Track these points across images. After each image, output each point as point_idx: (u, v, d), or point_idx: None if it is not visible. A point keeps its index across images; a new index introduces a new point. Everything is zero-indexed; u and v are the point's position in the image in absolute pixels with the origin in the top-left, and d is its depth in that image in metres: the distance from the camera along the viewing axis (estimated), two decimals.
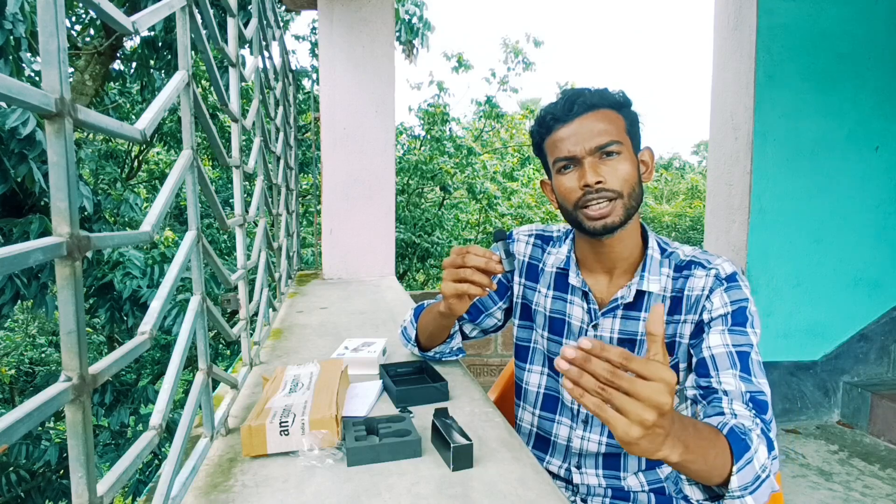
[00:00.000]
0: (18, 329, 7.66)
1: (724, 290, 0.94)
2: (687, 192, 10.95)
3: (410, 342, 1.27)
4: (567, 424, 1.08)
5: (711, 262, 0.97)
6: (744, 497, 0.76)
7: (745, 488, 0.76)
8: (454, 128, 7.00)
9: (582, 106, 0.94)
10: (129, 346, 0.60)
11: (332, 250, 2.77)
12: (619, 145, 0.93)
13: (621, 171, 0.93)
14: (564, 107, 0.94)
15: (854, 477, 2.35)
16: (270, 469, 0.84)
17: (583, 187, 0.93)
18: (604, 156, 0.93)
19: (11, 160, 2.60)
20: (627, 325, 1.00)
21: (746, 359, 0.89)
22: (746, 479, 0.76)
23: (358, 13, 2.68)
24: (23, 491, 3.36)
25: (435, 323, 1.15)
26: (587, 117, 0.94)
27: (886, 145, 2.85)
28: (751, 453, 0.76)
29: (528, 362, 1.14)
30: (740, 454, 0.76)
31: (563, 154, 0.94)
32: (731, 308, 0.92)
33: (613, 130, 0.94)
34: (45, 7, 0.44)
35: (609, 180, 0.93)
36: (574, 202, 0.95)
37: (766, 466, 0.77)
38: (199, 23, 0.89)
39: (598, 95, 0.95)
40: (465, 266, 0.95)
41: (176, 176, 0.76)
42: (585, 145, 0.93)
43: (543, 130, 0.98)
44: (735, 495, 0.76)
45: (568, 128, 0.94)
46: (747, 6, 2.76)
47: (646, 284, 0.98)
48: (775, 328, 2.85)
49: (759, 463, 0.77)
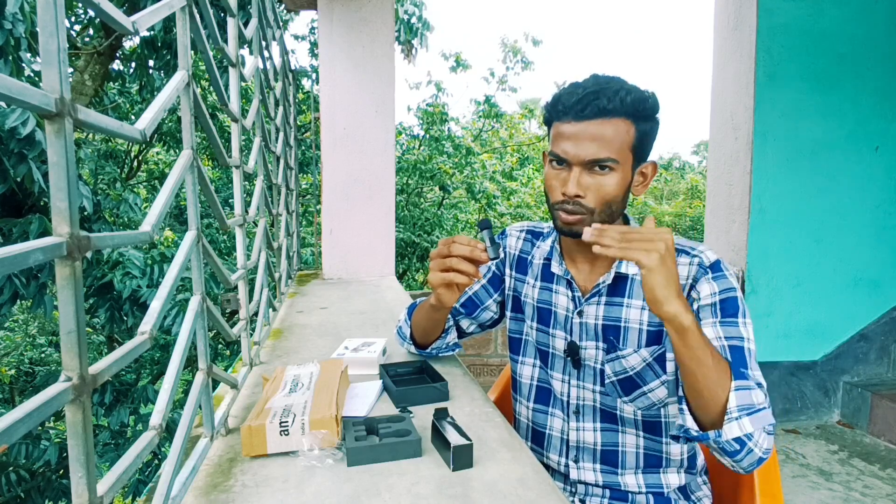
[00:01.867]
0: (18, 329, 7.66)
1: (710, 278, 0.93)
2: (687, 192, 10.94)
3: (406, 340, 1.28)
4: (560, 417, 1.08)
5: (694, 249, 0.97)
6: (741, 419, 0.80)
7: (743, 409, 0.80)
8: (453, 127, 7.00)
9: (594, 109, 0.90)
10: (129, 346, 0.60)
11: (332, 250, 2.77)
12: (614, 162, 0.91)
13: (605, 188, 0.92)
14: (577, 104, 0.90)
15: (854, 477, 2.35)
16: (270, 469, 0.84)
17: (562, 193, 0.94)
18: (595, 167, 0.92)
19: (11, 160, 2.60)
20: (611, 311, 1.01)
21: (740, 353, 0.88)
22: (744, 401, 0.81)
23: (358, 13, 2.68)
24: (23, 491, 3.36)
25: (428, 317, 1.16)
26: (595, 123, 0.90)
27: (886, 145, 2.85)
28: (749, 383, 0.83)
29: (521, 354, 1.15)
30: (739, 376, 0.82)
31: (558, 152, 0.94)
32: (719, 297, 0.91)
33: (615, 145, 0.91)
34: (45, 7, 0.44)
35: (588, 196, 0.93)
36: (552, 202, 0.97)
37: (763, 405, 0.82)
38: (199, 23, 0.88)
39: (617, 101, 0.90)
40: (450, 255, 0.97)
41: (176, 176, 0.76)
42: (580, 154, 0.91)
43: (555, 114, 0.95)
44: (733, 416, 0.80)
45: (573, 126, 0.92)
46: (747, 6, 2.76)
47: (624, 267, 1.00)
48: (775, 328, 2.85)
49: (756, 398, 0.82)
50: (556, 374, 1.08)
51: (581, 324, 1.04)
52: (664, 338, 0.98)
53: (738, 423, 0.80)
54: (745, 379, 0.83)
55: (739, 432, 0.80)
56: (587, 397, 1.05)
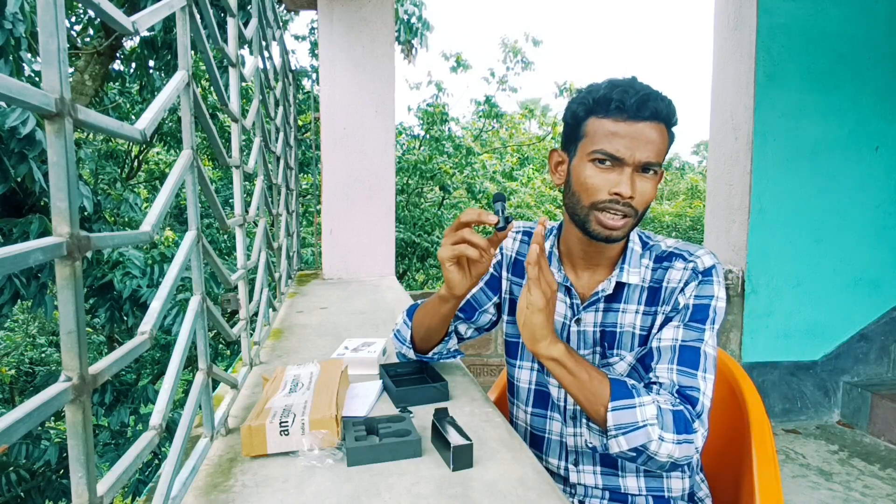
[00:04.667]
0: (18, 329, 7.66)
1: (697, 283, 0.95)
2: (687, 192, 10.95)
3: (405, 344, 1.19)
4: (559, 420, 1.08)
5: (692, 253, 0.97)
6: (617, 437, 0.85)
7: (619, 428, 0.85)
8: (453, 128, 7.00)
9: (650, 111, 0.88)
10: (129, 346, 0.60)
11: (332, 250, 2.77)
12: (658, 167, 0.92)
13: (649, 192, 0.92)
14: (636, 103, 0.88)
15: (854, 477, 2.35)
16: (270, 469, 0.84)
17: (612, 193, 0.90)
18: (643, 171, 0.91)
19: (11, 160, 2.60)
20: (608, 317, 1.01)
21: (693, 354, 0.90)
22: (621, 420, 0.85)
23: (358, 13, 2.68)
24: (23, 491, 3.36)
25: (433, 312, 1.10)
26: (651, 126, 0.89)
27: (886, 145, 2.85)
28: (633, 401, 0.85)
29: (517, 358, 1.13)
30: (619, 396, 0.86)
31: (611, 151, 0.90)
32: (693, 302, 0.94)
33: (662, 150, 0.91)
34: (45, 7, 0.44)
35: (637, 198, 0.91)
36: (594, 201, 0.92)
37: (650, 421, 0.84)
38: (199, 23, 0.88)
39: (668, 108, 0.90)
40: (460, 225, 0.94)
41: (176, 176, 0.76)
42: (637, 155, 0.89)
43: (599, 109, 0.91)
44: (610, 434, 0.86)
45: (629, 126, 0.89)
46: (747, 6, 2.76)
47: (625, 276, 0.99)
48: (775, 328, 2.85)
49: (641, 415, 0.85)
50: (553, 380, 1.07)
51: (579, 332, 1.03)
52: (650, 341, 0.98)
53: (615, 441, 0.86)
54: (627, 396, 0.86)
55: (617, 449, 0.86)
56: None
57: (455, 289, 1.00)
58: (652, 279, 0.99)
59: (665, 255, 1.00)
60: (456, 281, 0.98)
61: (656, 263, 1.00)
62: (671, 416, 0.85)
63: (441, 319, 1.10)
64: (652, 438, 0.84)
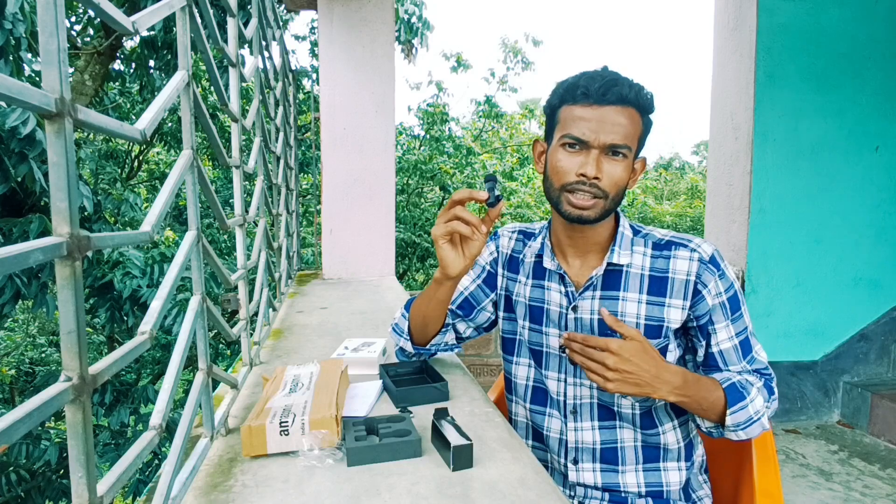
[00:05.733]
0: (18, 329, 7.66)
1: (716, 277, 0.98)
2: (687, 192, 10.94)
3: (403, 335, 1.20)
4: (558, 418, 1.08)
5: (691, 241, 1.00)
6: (737, 431, 0.96)
7: (738, 426, 0.95)
8: (453, 128, 7.00)
9: (616, 96, 0.92)
10: (129, 346, 0.60)
11: (332, 250, 2.77)
12: (627, 150, 0.94)
13: (618, 174, 0.95)
14: (600, 89, 0.92)
15: (854, 477, 2.35)
16: (270, 469, 0.84)
17: (579, 175, 0.94)
18: (611, 153, 0.94)
19: (11, 160, 2.60)
20: (607, 305, 1.02)
21: (746, 340, 1.01)
22: (739, 419, 0.95)
23: (358, 13, 2.68)
24: (23, 491, 3.36)
25: (430, 298, 1.09)
26: (615, 109, 0.93)
27: (886, 145, 2.85)
28: (746, 402, 0.95)
29: (514, 355, 1.14)
30: (734, 402, 0.94)
31: (577, 134, 0.93)
32: (726, 297, 0.99)
33: (630, 133, 0.94)
34: (45, 7, 0.44)
35: (604, 179, 0.94)
36: (563, 183, 0.96)
37: (760, 411, 0.96)
38: (199, 23, 0.88)
39: (634, 92, 0.93)
40: (453, 203, 0.96)
41: (176, 176, 0.76)
42: (602, 137, 0.92)
43: (568, 97, 0.96)
44: (730, 429, 0.96)
45: (594, 110, 0.93)
46: (747, 6, 2.76)
47: (616, 257, 1.00)
48: (775, 328, 2.85)
49: (753, 409, 0.95)
50: (552, 374, 1.07)
51: (576, 319, 1.03)
52: (663, 332, 0.99)
53: (734, 433, 0.97)
54: (741, 399, 0.95)
55: (736, 438, 0.98)
56: (584, 394, 1.05)
57: (449, 268, 1.00)
58: (653, 268, 1.00)
59: (663, 243, 1.01)
60: (450, 259, 0.99)
61: (655, 251, 1.01)
62: (765, 391, 0.99)
63: (437, 305, 1.10)
64: (764, 425, 0.96)
